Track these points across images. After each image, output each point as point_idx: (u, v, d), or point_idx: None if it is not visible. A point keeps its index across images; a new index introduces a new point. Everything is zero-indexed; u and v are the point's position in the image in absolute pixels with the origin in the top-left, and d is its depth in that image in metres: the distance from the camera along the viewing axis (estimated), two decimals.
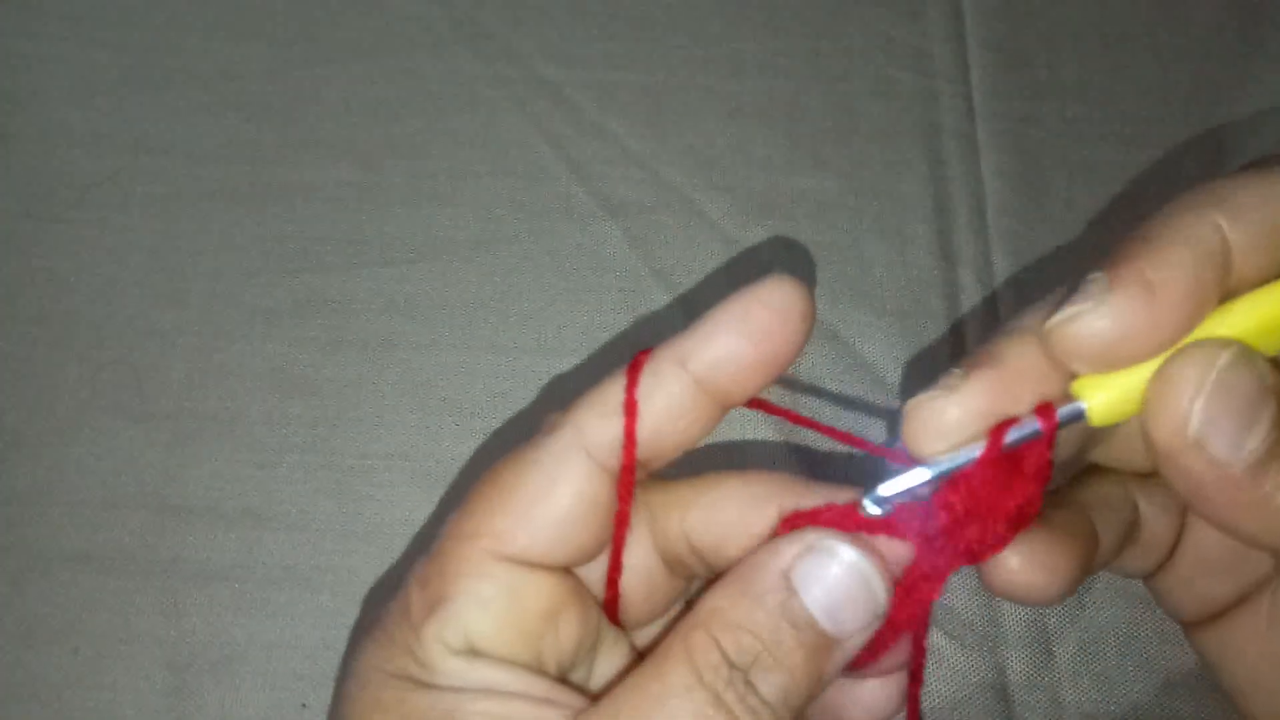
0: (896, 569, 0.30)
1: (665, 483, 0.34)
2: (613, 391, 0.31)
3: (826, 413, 0.51)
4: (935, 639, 0.47)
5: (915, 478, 0.29)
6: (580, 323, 0.52)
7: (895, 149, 0.56)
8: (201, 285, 0.53)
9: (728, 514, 0.32)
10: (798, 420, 0.34)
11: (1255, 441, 0.27)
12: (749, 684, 0.28)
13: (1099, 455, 0.34)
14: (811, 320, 0.31)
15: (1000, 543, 0.29)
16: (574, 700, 0.30)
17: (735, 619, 0.29)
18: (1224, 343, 0.27)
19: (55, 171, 0.55)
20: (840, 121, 0.57)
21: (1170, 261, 0.27)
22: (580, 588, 0.33)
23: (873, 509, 0.30)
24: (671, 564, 0.34)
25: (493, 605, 0.30)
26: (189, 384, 0.51)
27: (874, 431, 0.51)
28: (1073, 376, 0.29)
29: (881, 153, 0.56)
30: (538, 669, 0.31)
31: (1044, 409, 0.28)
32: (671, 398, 0.30)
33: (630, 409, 0.30)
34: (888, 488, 0.29)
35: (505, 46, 0.59)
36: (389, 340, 0.52)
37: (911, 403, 0.28)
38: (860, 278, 0.53)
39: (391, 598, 0.32)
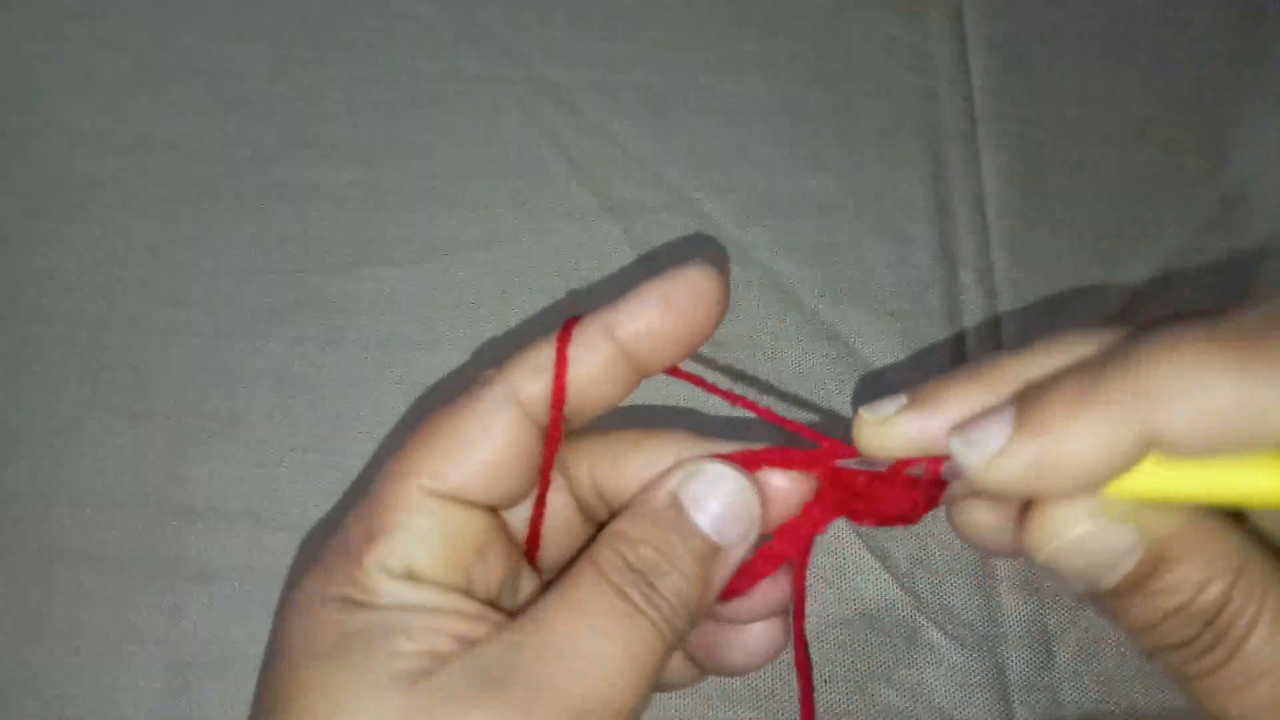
0: (790, 498, 0.35)
1: (578, 436, 0.37)
2: (544, 352, 0.35)
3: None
4: (935, 638, 0.47)
5: (861, 464, 0.34)
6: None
7: (895, 149, 0.56)
8: (201, 285, 0.53)
9: (631, 463, 0.36)
10: (709, 388, 0.38)
11: (1108, 585, 0.30)
12: (649, 584, 0.32)
13: None
14: (724, 304, 0.35)
15: (880, 522, 0.35)
16: (501, 618, 0.33)
17: (635, 535, 0.33)
18: (1097, 510, 0.29)
19: (56, 171, 0.55)
20: (840, 121, 0.57)
21: (1070, 454, 0.28)
22: (505, 528, 0.36)
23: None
24: (584, 509, 0.38)
25: (429, 537, 0.33)
26: (189, 384, 0.51)
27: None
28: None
29: (881, 153, 0.56)
30: (470, 594, 0.34)
31: (934, 463, 0.32)
32: (595, 362, 0.34)
33: (560, 368, 0.34)
34: (845, 463, 0.34)
35: (506, 46, 0.59)
36: (389, 340, 0.52)
37: (861, 413, 0.32)
38: (860, 278, 0.53)
39: (329, 539, 0.35)
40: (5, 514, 0.49)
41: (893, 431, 0.31)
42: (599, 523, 0.38)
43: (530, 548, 0.37)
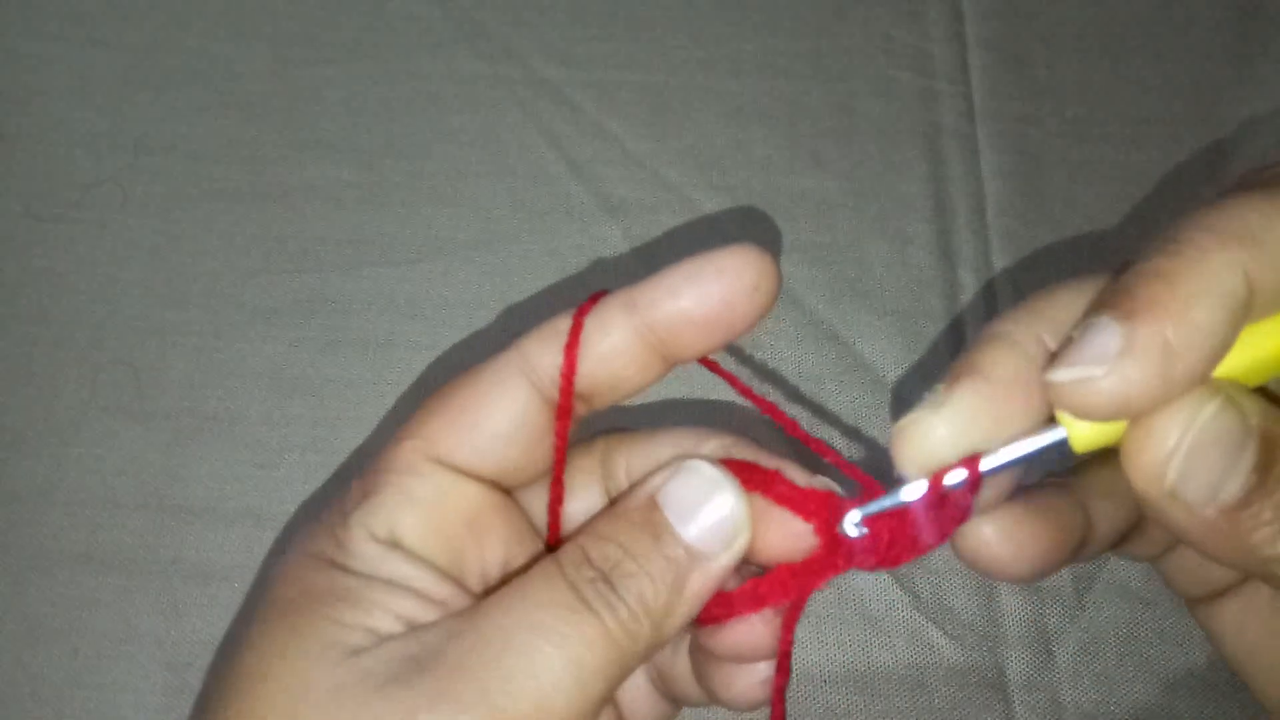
0: (794, 541, 0.31)
1: (621, 432, 0.35)
2: (561, 324, 0.32)
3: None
4: (935, 638, 0.47)
5: (888, 504, 0.30)
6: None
7: (895, 149, 0.56)
8: (201, 285, 0.53)
9: (664, 458, 0.33)
10: (741, 389, 0.35)
11: (1232, 488, 0.26)
12: (609, 583, 0.29)
13: None
14: (772, 292, 0.31)
15: (901, 563, 0.31)
16: (463, 605, 0.31)
17: (603, 531, 0.31)
18: (1211, 393, 0.26)
19: (55, 171, 0.55)
20: (840, 121, 0.57)
21: (1196, 324, 0.25)
22: (516, 512, 0.34)
23: (851, 530, 0.31)
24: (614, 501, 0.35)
25: (418, 501, 0.32)
26: (189, 384, 0.51)
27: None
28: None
29: (881, 153, 0.56)
30: (456, 575, 0.32)
31: (970, 461, 0.28)
32: (616, 341, 0.32)
33: (573, 341, 0.32)
34: (866, 510, 0.30)
35: (505, 46, 0.59)
36: (389, 340, 0.52)
37: (900, 423, 0.28)
38: (860, 278, 0.53)
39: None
40: (5, 514, 0.49)
41: (939, 428, 0.28)
42: None
43: (550, 536, 0.35)
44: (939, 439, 0.28)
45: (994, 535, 0.30)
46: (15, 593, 0.47)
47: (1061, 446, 0.28)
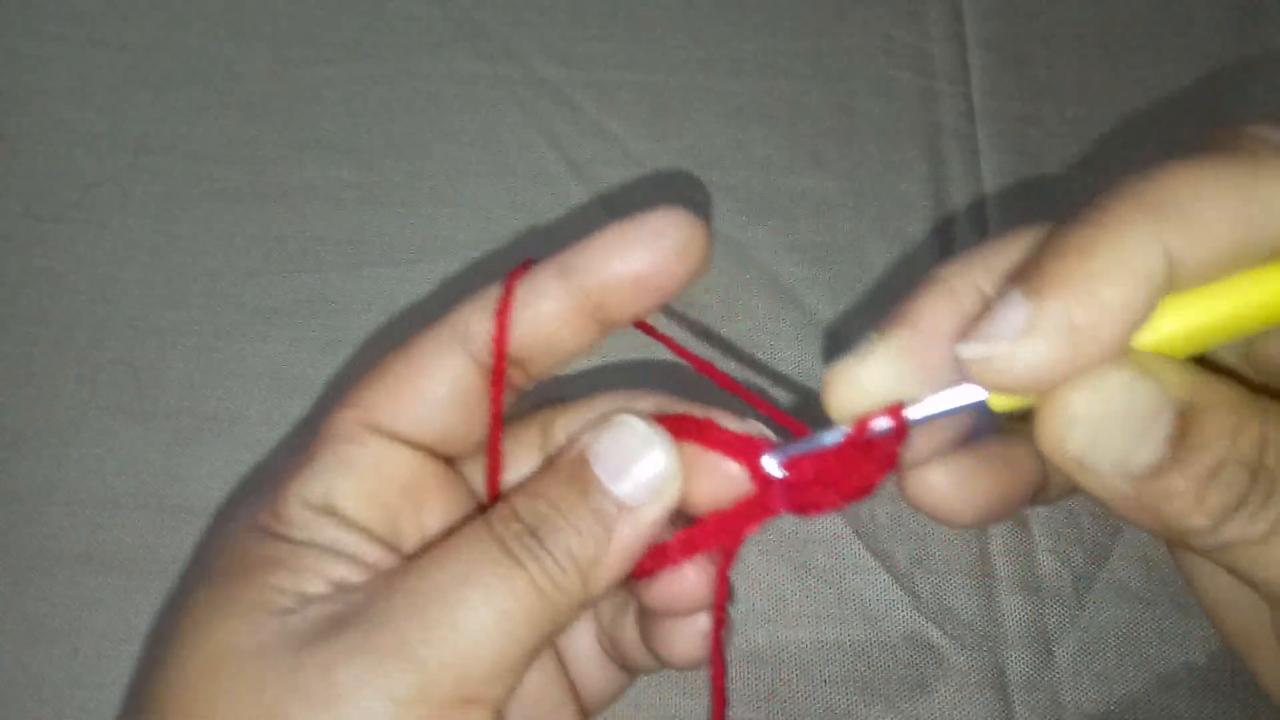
0: (726, 487, 0.31)
1: (563, 403, 0.35)
2: (494, 292, 0.33)
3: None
4: (935, 638, 0.47)
5: (810, 446, 0.30)
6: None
7: (895, 149, 0.56)
8: (201, 285, 0.53)
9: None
10: (678, 351, 0.35)
11: (1142, 460, 0.26)
12: (536, 537, 0.29)
13: None
14: (703, 254, 0.31)
15: (831, 508, 0.31)
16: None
17: (531, 488, 0.31)
18: (1119, 366, 0.26)
19: (55, 171, 0.55)
20: (840, 121, 0.57)
21: (1104, 303, 0.25)
22: (459, 482, 0.34)
23: (772, 470, 0.31)
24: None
25: (354, 468, 0.32)
26: (189, 384, 0.51)
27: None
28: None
29: (881, 153, 0.56)
30: (393, 541, 0.32)
31: (896, 410, 0.28)
32: (549, 306, 0.32)
33: (504, 307, 0.32)
34: (785, 451, 0.31)
35: (505, 46, 0.59)
36: (387, 340, 0.52)
37: (830, 369, 0.29)
38: (860, 278, 0.53)
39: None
40: (5, 514, 0.49)
41: (867, 376, 0.28)
42: None
43: (490, 496, 0.35)
44: (865, 387, 0.28)
45: (943, 482, 0.31)
46: (15, 593, 0.47)
47: (982, 405, 0.28)
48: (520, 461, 0.35)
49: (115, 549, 0.48)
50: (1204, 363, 0.28)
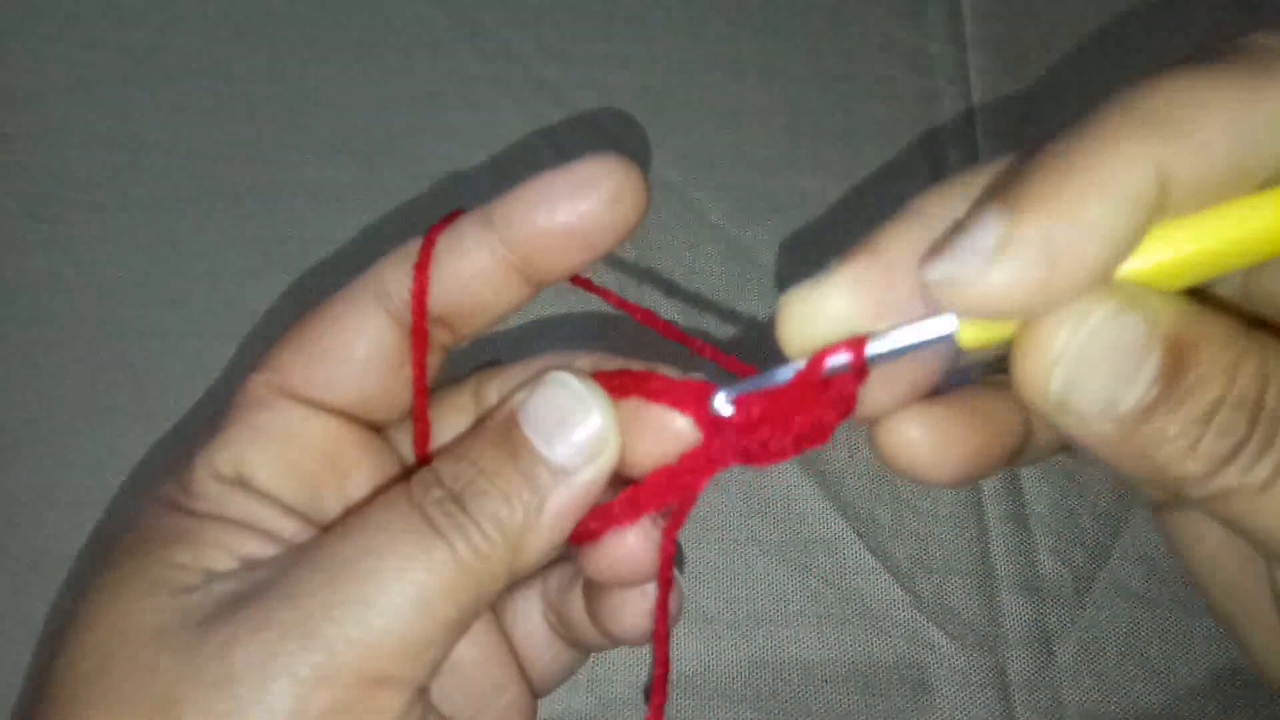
0: (672, 444, 0.29)
1: (496, 367, 0.33)
2: (415, 247, 0.30)
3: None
4: (935, 638, 0.47)
5: (761, 383, 0.28)
6: (581, 321, 0.52)
7: (895, 149, 0.56)
8: (200, 286, 0.53)
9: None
10: (619, 304, 0.33)
11: (1133, 399, 0.23)
12: (459, 503, 0.27)
13: None
14: (639, 204, 0.29)
15: (783, 455, 0.29)
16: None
17: (457, 451, 0.29)
18: (1105, 297, 0.23)
19: (55, 171, 0.55)
20: (840, 121, 0.57)
21: (1089, 222, 0.22)
22: (385, 450, 0.32)
23: (722, 409, 0.29)
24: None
25: (267, 436, 0.30)
26: (189, 383, 0.51)
27: None
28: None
29: (881, 153, 0.56)
30: (313, 514, 0.30)
31: (855, 343, 0.25)
32: (474, 262, 0.30)
33: (423, 262, 0.30)
34: (735, 389, 0.28)
35: (505, 46, 0.59)
36: None
37: (785, 297, 0.26)
38: None
39: None
40: (5, 515, 0.49)
41: (824, 305, 0.25)
42: None
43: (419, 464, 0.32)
44: (822, 317, 0.26)
45: (918, 435, 0.27)
46: (15, 593, 0.47)
47: (952, 341, 0.25)
48: (452, 428, 0.33)
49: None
50: (1197, 296, 0.25)
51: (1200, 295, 0.25)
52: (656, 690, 0.30)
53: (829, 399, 0.27)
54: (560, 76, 0.58)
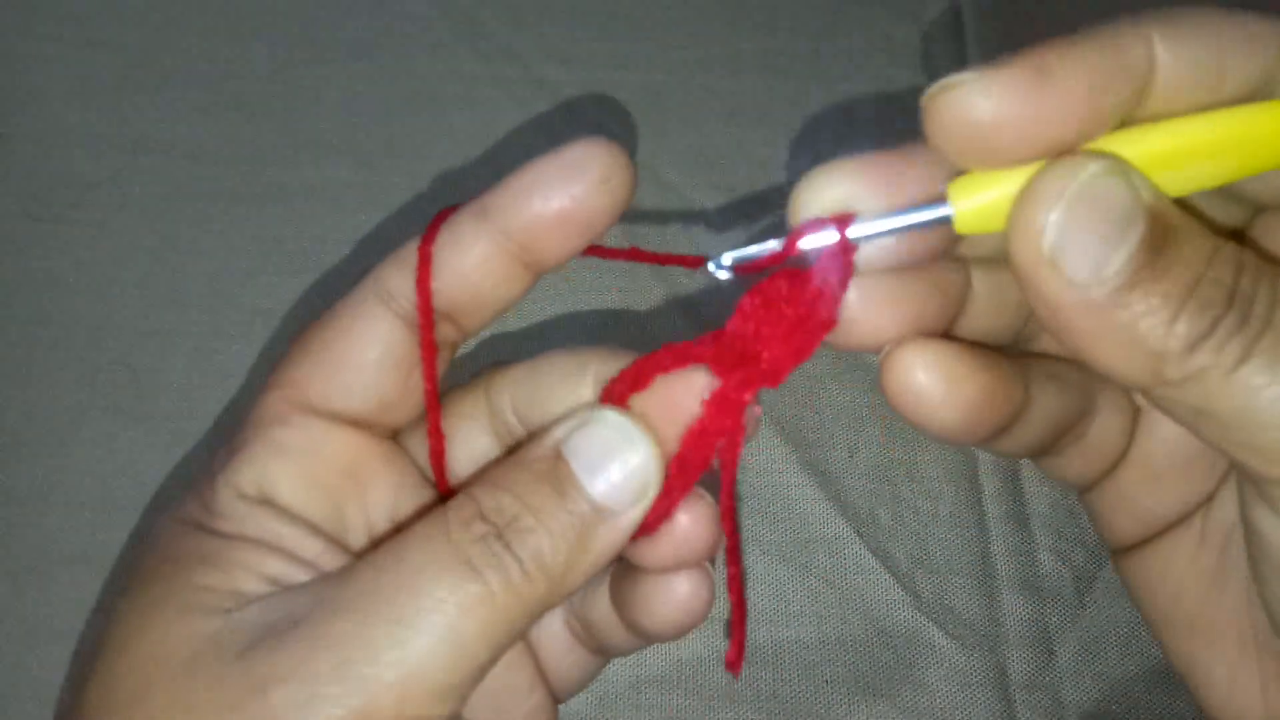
0: (685, 417, 0.29)
1: (500, 367, 0.33)
2: (414, 246, 0.31)
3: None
4: (936, 638, 0.47)
5: (755, 250, 0.28)
6: (582, 321, 0.52)
7: (895, 149, 0.56)
8: (201, 285, 0.53)
9: (548, 386, 0.31)
10: (636, 256, 0.33)
11: (1118, 263, 0.24)
12: (502, 541, 0.27)
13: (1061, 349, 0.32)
14: (627, 184, 0.30)
15: (787, 359, 0.29)
16: (341, 564, 0.29)
17: (500, 482, 0.28)
18: (1096, 155, 0.25)
19: (55, 171, 0.55)
20: (840, 121, 0.57)
21: (1077, 56, 0.25)
22: (403, 459, 0.32)
23: (719, 272, 0.29)
24: (510, 452, 0.33)
25: (290, 453, 0.30)
26: (188, 385, 0.51)
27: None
28: (957, 174, 0.27)
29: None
30: (336, 531, 0.30)
31: (841, 218, 0.26)
32: (473, 255, 0.30)
33: (424, 260, 0.30)
34: (732, 254, 0.29)
35: (505, 46, 0.59)
36: None
37: (805, 174, 0.27)
38: None
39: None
40: (5, 515, 0.48)
41: (834, 185, 0.27)
42: None
43: (437, 478, 0.32)
44: (830, 196, 0.27)
45: (923, 366, 0.28)
46: (15, 593, 0.47)
47: (948, 226, 0.26)
48: (465, 433, 0.33)
49: (115, 550, 0.48)
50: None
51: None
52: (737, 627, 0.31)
53: (814, 293, 0.27)
54: (560, 76, 0.58)
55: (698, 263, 0.31)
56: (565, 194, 0.29)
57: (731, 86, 0.58)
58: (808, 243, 0.27)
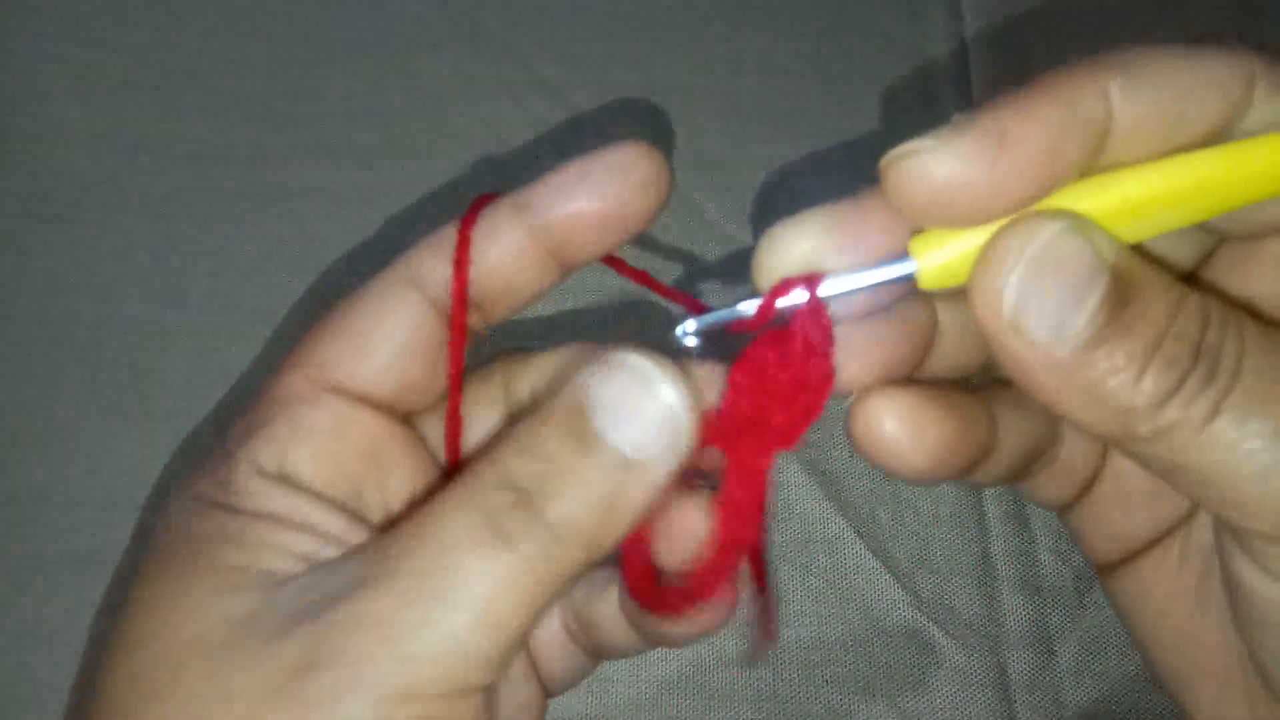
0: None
1: (518, 353, 0.33)
2: (448, 233, 0.31)
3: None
4: (936, 638, 0.47)
5: (725, 315, 0.28)
6: (582, 320, 0.52)
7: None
8: (201, 285, 0.53)
9: (569, 374, 0.30)
10: (649, 283, 0.33)
11: (1080, 323, 0.24)
12: (531, 506, 0.26)
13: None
14: (664, 189, 0.30)
15: (802, 418, 0.28)
16: (364, 541, 0.29)
17: (523, 442, 0.27)
18: (1055, 215, 0.25)
19: (55, 171, 0.55)
20: (840, 121, 0.57)
21: (1034, 116, 0.24)
22: (418, 443, 0.32)
23: (686, 339, 0.29)
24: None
25: (311, 432, 0.29)
26: (188, 385, 0.51)
27: None
28: (919, 230, 0.27)
29: (882, 153, 0.56)
30: (355, 510, 0.30)
31: (811, 278, 0.26)
32: (508, 246, 0.30)
33: (462, 248, 0.30)
34: (696, 322, 0.29)
35: (505, 46, 0.59)
36: None
37: (767, 232, 0.27)
38: None
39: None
40: (5, 515, 0.48)
41: (798, 242, 0.26)
42: None
43: (450, 464, 0.32)
44: (794, 253, 0.27)
45: (890, 415, 0.28)
46: (15, 593, 0.47)
47: (910, 280, 0.27)
48: (482, 417, 0.32)
49: (115, 550, 0.48)
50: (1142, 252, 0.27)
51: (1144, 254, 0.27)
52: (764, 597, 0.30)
53: (802, 353, 0.27)
54: (561, 76, 0.58)
55: (697, 305, 0.31)
56: (607, 195, 0.30)
57: (732, 86, 0.58)
58: (782, 303, 0.27)
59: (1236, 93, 0.25)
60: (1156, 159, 0.26)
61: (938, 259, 0.26)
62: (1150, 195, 0.25)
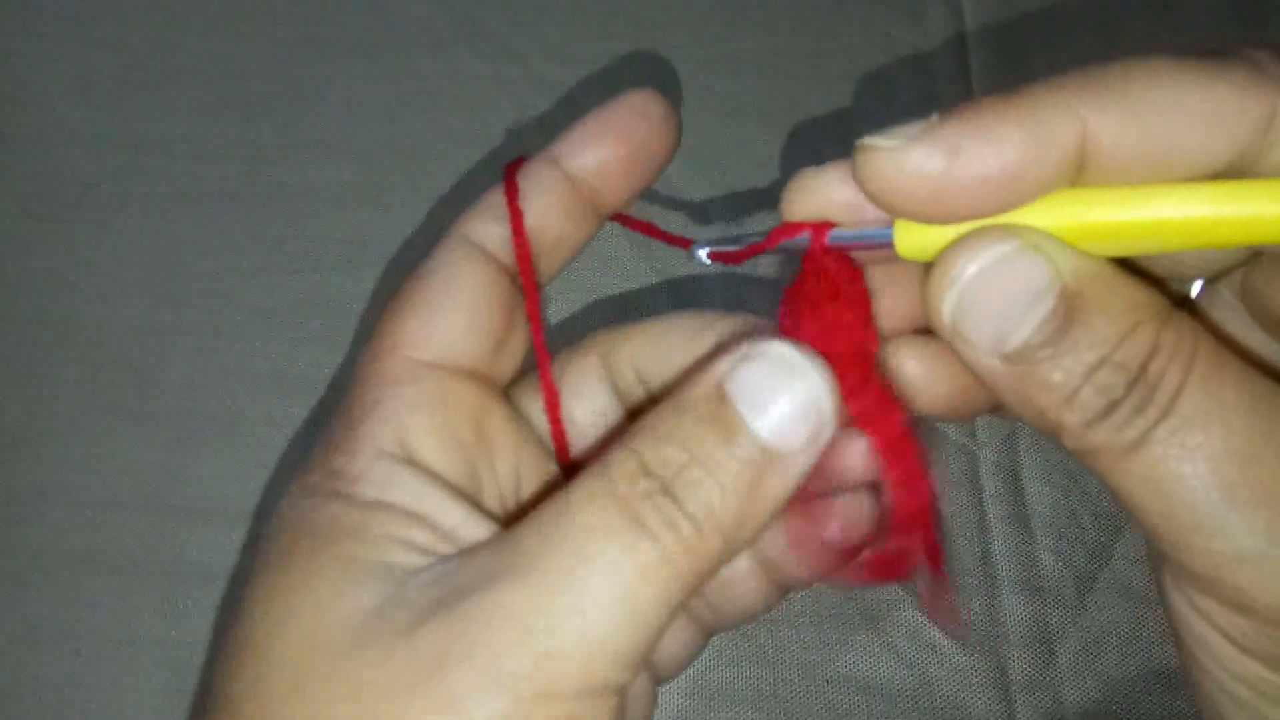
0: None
1: (616, 328, 0.34)
2: (493, 198, 0.32)
3: None
4: (936, 638, 0.47)
5: (749, 241, 0.30)
6: (582, 319, 0.52)
7: None
8: (201, 285, 0.53)
9: (671, 345, 0.31)
10: (662, 236, 0.35)
11: (1017, 338, 0.24)
12: (671, 496, 0.25)
13: None
14: (677, 129, 0.33)
15: (869, 341, 0.29)
16: (484, 532, 0.28)
17: (661, 430, 0.26)
18: (1011, 231, 0.25)
19: (55, 171, 0.55)
20: (840, 121, 0.57)
21: (991, 137, 0.24)
22: (516, 415, 0.32)
23: (701, 256, 0.31)
24: (634, 413, 0.32)
25: (426, 408, 0.29)
26: (189, 384, 0.51)
27: None
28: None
29: None
30: (472, 492, 0.30)
31: (819, 226, 0.28)
32: (551, 198, 0.32)
33: (514, 204, 0.32)
34: (715, 244, 0.31)
35: (505, 46, 0.59)
36: None
37: (795, 175, 0.29)
38: None
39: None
40: (5, 514, 0.48)
41: (822, 187, 0.28)
42: None
43: (556, 443, 0.32)
44: (818, 196, 0.28)
45: (910, 363, 0.29)
46: (15, 593, 0.47)
47: (890, 245, 0.27)
48: (581, 392, 0.33)
49: (115, 549, 0.48)
50: (1134, 270, 0.26)
51: (1135, 270, 0.26)
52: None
53: (834, 281, 0.28)
54: (561, 76, 0.58)
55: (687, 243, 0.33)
56: (632, 137, 0.32)
57: (732, 86, 0.58)
58: (791, 242, 0.29)
59: (1245, 133, 0.23)
60: (1154, 184, 0.25)
61: (913, 239, 0.27)
62: (1134, 222, 0.25)
